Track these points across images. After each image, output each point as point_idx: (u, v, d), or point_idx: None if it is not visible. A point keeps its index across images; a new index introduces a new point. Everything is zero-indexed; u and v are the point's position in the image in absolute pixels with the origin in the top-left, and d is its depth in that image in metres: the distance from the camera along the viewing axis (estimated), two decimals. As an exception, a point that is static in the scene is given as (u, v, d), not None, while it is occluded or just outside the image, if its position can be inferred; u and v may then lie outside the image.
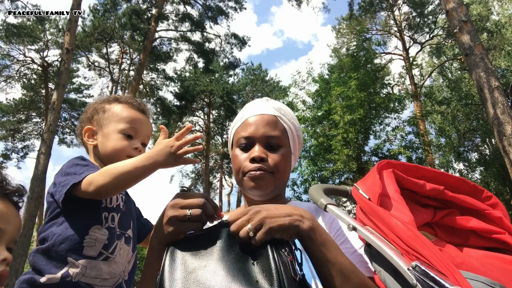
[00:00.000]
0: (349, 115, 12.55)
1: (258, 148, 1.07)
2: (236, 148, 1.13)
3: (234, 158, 1.12)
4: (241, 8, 19.31)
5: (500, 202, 0.98)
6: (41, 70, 20.66)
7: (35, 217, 10.61)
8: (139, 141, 1.35)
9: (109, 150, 1.31)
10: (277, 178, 1.07)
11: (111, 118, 1.35)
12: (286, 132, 1.12)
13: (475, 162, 20.70)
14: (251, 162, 1.06)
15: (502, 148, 6.76)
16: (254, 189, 1.06)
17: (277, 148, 1.09)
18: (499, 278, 0.76)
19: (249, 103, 1.21)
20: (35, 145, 22.04)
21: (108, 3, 18.53)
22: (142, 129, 1.37)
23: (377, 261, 0.81)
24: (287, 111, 1.17)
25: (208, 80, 22.62)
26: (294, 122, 1.16)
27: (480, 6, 19.25)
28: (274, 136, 1.08)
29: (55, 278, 1.08)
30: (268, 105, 1.15)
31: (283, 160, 1.09)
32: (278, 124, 1.11)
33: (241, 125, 1.13)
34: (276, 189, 1.10)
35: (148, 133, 1.39)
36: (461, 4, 7.61)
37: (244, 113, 1.15)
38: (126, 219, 1.28)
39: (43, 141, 10.43)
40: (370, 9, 20.02)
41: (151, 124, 1.45)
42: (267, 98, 1.20)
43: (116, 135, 1.32)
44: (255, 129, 1.09)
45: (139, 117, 1.38)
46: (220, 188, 26.44)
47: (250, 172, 1.05)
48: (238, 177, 1.11)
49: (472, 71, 7.22)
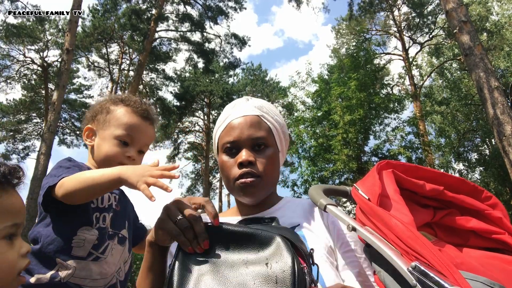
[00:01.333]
0: (348, 115, 12.56)
1: (245, 152, 1.05)
2: (222, 154, 1.10)
3: (222, 165, 1.10)
4: (241, 8, 19.32)
5: (499, 202, 0.99)
6: (41, 71, 20.65)
7: (35, 218, 10.59)
8: (135, 149, 1.31)
9: (102, 155, 1.30)
10: (267, 181, 1.06)
11: (112, 121, 1.33)
12: (271, 130, 1.10)
13: (475, 162, 20.70)
14: (239, 168, 1.04)
15: (501, 148, 6.76)
16: (246, 197, 1.06)
17: (264, 149, 1.08)
18: (499, 278, 0.76)
19: (229, 104, 1.18)
20: (35, 146, 22.05)
21: (108, 3, 18.53)
22: (140, 137, 1.33)
23: (377, 261, 0.81)
24: (269, 108, 1.15)
25: (208, 81, 22.62)
26: (278, 119, 1.14)
27: (480, 6, 19.26)
28: (259, 137, 1.07)
29: (44, 279, 1.08)
30: (249, 105, 1.12)
31: (271, 161, 1.07)
32: (262, 124, 1.09)
33: (224, 129, 1.10)
34: (266, 192, 1.10)
35: (147, 141, 1.35)
36: (461, 5, 7.61)
37: (225, 116, 1.12)
38: (120, 219, 1.27)
39: (43, 142, 10.44)
40: (369, 10, 20.03)
41: (154, 131, 1.40)
42: (247, 97, 1.17)
43: (112, 140, 1.30)
44: (240, 133, 1.07)
45: (139, 124, 1.33)
46: (220, 188, 26.42)
47: (240, 179, 1.04)
48: (228, 184, 1.09)
49: (472, 71, 7.22)
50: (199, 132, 25.78)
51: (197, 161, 26.92)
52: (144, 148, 1.35)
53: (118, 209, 1.28)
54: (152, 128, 1.38)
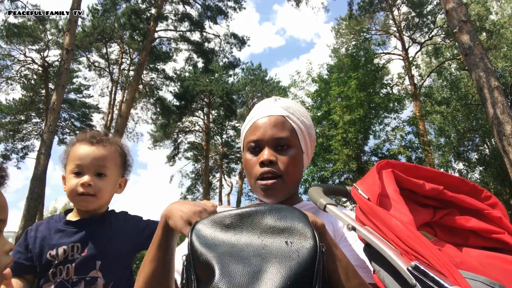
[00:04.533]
0: (348, 115, 12.57)
1: (267, 151, 1.07)
2: (246, 152, 1.13)
3: (245, 163, 1.12)
4: (241, 8, 19.32)
5: (499, 202, 0.99)
6: (41, 70, 20.65)
7: (35, 218, 10.60)
8: (89, 174, 1.35)
9: (67, 193, 1.38)
10: (287, 181, 1.07)
11: (68, 162, 1.41)
12: (295, 131, 1.11)
13: (475, 162, 20.71)
14: (260, 166, 1.06)
15: (501, 148, 6.77)
16: (266, 198, 1.07)
17: (286, 149, 1.08)
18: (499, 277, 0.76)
19: (258, 103, 1.20)
20: (35, 146, 22.04)
21: (108, 3, 18.53)
22: (88, 161, 1.35)
23: (377, 261, 0.81)
24: (297, 109, 1.16)
25: (208, 80, 22.62)
26: (305, 120, 1.15)
27: (479, 6, 19.25)
28: (282, 137, 1.08)
29: None
30: (276, 105, 1.14)
31: (293, 161, 1.08)
32: (286, 125, 1.10)
33: (250, 128, 1.13)
34: (288, 192, 1.11)
35: (98, 162, 1.36)
36: (461, 4, 7.62)
37: (252, 115, 1.15)
38: (87, 262, 1.34)
39: (43, 142, 10.44)
40: (369, 9, 20.03)
41: (104, 150, 1.40)
42: (275, 97, 1.19)
43: (69, 177, 1.37)
44: (263, 132, 1.09)
45: (85, 150, 1.37)
46: (220, 188, 26.45)
47: (262, 179, 1.05)
48: (251, 182, 1.11)
49: (472, 71, 7.23)
50: (199, 131, 25.80)
51: (197, 161, 26.93)
52: (102, 170, 1.37)
53: (86, 254, 1.34)
54: (100, 147, 1.39)
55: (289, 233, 0.69)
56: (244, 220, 0.72)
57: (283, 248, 0.67)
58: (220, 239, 0.70)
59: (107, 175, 1.38)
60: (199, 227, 0.72)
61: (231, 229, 0.71)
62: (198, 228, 0.72)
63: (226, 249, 0.68)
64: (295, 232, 0.69)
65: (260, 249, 0.67)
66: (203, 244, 0.68)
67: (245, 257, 0.66)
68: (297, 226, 0.70)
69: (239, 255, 0.66)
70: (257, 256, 0.66)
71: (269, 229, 0.70)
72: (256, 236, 0.69)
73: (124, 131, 17.07)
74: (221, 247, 0.68)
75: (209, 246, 0.68)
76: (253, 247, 0.68)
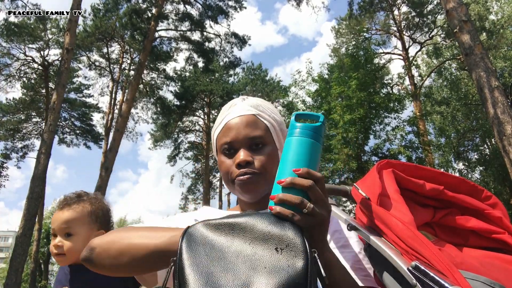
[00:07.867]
0: (348, 115, 12.57)
1: (243, 152, 1.04)
2: (220, 154, 1.10)
3: (220, 165, 1.10)
4: (241, 7, 19.31)
5: (499, 202, 0.98)
6: (41, 70, 20.66)
7: (35, 217, 10.62)
8: (59, 236, 1.49)
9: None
10: (266, 177, 1.05)
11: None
12: (268, 129, 1.09)
13: (475, 162, 20.72)
14: (237, 168, 1.04)
15: (502, 148, 6.77)
16: (246, 194, 1.05)
17: (262, 148, 1.07)
18: (499, 278, 0.76)
19: (226, 104, 1.17)
20: (35, 145, 22.06)
21: (110, 3, 18.54)
22: (56, 225, 1.50)
23: (377, 261, 0.81)
24: (266, 106, 1.14)
25: (208, 80, 22.62)
26: (275, 117, 1.14)
27: (479, 6, 19.24)
28: (256, 136, 1.06)
29: None
30: (245, 104, 1.11)
31: (270, 158, 1.06)
32: (259, 123, 1.08)
33: (221, 130, 1.10)
34: (267, 188, 1.08)
35: (63, 223, 1.49)
36: (461, 4, 7.61)
37: (223, 117, 1.12)
38: None
39: (43, 141, 10.45)
40: (369, 9, 20.03)
41: (69, 212, 1.53)
42: (243, 97, 1.17)
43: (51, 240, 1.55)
44: (236, 133, 1.06)
45: (55, 216, 1.53)
46: (220, 187, 26.44)
47: (238, 178, 1.03)
48: (228, 184, 1.09)
49: (472, 71, 7.22)
50: (199, 131, 25.81)
51: (197, 161, 26.94)
52: (68, 230, 1.49)
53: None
54: (65, 210, 1.53)
55: (279, 239, 0.68)
56: (235, 226, 0.71)
57: (273, 256, 0.65)
58: (211, 245, 0.69)
59: (74, 234, 1.50)
60: (191, 231, 0.71)
61: (223, 234, 0.71)
62: (190, 232, 0.71)
63: (216, 255, 0.67)
64: (286, 238, 0.68)
65: (251, 256, 0.66)
66: (193, 250, 0.68)
67: (234, 264, 0.65)
68: (288, 232, 0.68)
69: (228, 262, 0.66)
70: (247, 263, 0.65)
71: (260, 236, 0.69)
72: (247, 243, 0.68)
73: (124, 131, 17.09)
74: (211, 252, 0.68)
75: (198, 252, 0.68)
76: (243, 254, 0.67)
